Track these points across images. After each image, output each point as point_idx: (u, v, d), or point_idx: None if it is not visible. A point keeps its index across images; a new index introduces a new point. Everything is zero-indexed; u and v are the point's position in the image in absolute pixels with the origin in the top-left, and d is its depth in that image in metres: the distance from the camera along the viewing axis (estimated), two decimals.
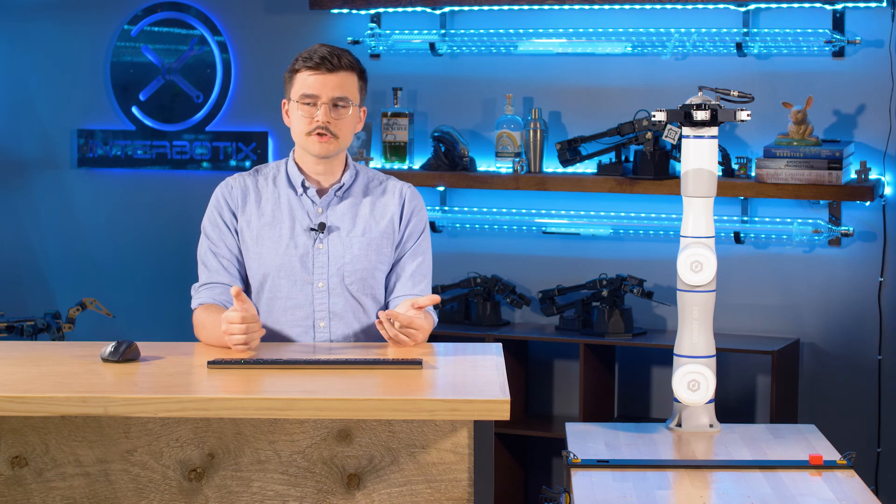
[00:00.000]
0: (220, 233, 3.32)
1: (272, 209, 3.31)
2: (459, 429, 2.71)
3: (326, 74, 3.25)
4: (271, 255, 3.27)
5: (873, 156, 4.51)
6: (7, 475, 2.76)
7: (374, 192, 3.36)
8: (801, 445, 2.98)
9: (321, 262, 3.28)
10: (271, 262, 3.27)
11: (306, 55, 3.27)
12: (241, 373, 2.86)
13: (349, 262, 3.28)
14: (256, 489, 2.75)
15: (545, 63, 4.84)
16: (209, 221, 3.34)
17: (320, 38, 5.02)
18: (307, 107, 3.25)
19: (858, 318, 4.58)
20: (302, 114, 3.26)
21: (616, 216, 4.78)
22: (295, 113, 3.28)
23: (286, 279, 3.27)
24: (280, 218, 3.30)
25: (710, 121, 3.04)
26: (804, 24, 4.53)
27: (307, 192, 3.31)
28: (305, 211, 3.30)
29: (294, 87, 3.27)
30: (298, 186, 3.31)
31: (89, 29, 5.34)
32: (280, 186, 3.33)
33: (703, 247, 3.06)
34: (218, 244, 3.31)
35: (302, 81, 3.26)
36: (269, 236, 3.28)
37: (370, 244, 3.30)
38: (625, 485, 2.70)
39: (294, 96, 3.27)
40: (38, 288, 5.47)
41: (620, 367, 4.85)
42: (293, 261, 3.27)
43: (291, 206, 3.31)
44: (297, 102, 3.26)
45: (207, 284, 3.30)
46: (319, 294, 3.28)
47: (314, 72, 3.24)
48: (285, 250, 3.28)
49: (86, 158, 5.37)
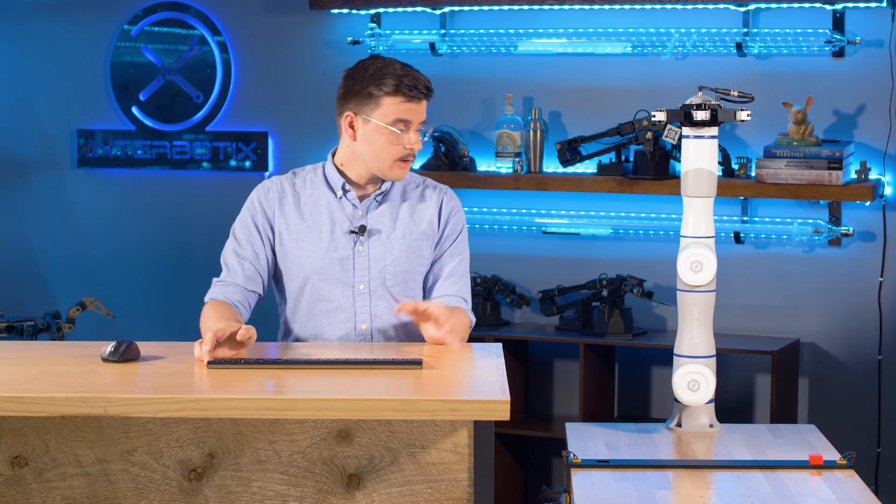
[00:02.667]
0: (248, 235, 3.29)
1: (311, 212, 3.29)
2: (459, 429, 2.71)
3: (421, 102, 3.22)
4: (311, 258, 3.26)
5: (873, 156, 4.51)
6: (7, 475, 2.76)
7: (411, 195, 3.34)
8: (801, 445, 2.98)
9: (362, 264, 3.27)
10: (311, 265, 3.26)
11: (403, 83, 3.18)
12: (241, 373, 2.86)
13: (391, 265, 3.28)
14: (256, 489, 2.75)
15: (545, 63, 4.84)
16: (240, 224, 3.31)
17: (320, 38, 5.02)
18: (399, 134, 3.21)
19: (858, 318, 4.58)
20: (390, 139, 3.20)
21: (616, 216, 4.78)
22: (379, 136, 3.20)
23: (327, 282, 3.26)
24: (319, 221, 3.28)
25: (710, 121, 3.04)
26: (804, 24, 4.53)
27: (347, 195, 3.30)
28: (345, 214, 3.29)
29: (382, 109, 3.19)
30: (338, 189, 3.29)
31: (89, 29, 5.35)
32: (318, 189, 3.31)
33: (703, 247, 3.06)
34: (244, 246, 3.29)
35: (397, 106, 3.18)
36: (308, 239, 3.26)
37: (410, 247, 3.29)
38: (625, 485, 2.70)
39: (383, 119, 3.19)
40: (38, 288, 5.47)
41: (620, 367, 4.85)
42: (334, 263, 3.26)
43: (331, 209, 3.29)
44: (387, 126, 3.20)
45: (224, 282, 3.28)
46: (361, 296, 3.27)
47: (412, 100, 3.19)
48: (325, 253, 3.26)
49: (86, 158, 5.37)
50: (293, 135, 5.16)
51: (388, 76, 3.19)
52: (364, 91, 3.21)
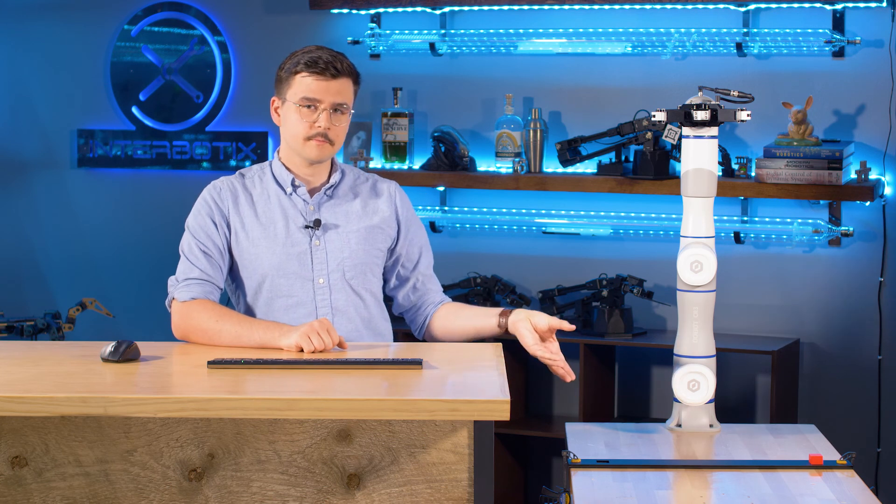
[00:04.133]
0: (207, 230, 3.27)
1: (264, 209, 3.30)
2: (459, 429, 2.71)
3: (330, 80, 3.24)
4: (268, 255, 3.26)
5: (873, 156, 4.51)
6: (7, 475, 2.76)
7: (362, 188, 3.37)
8: (801, 445, 2.98)
9: (320, 258, 3.28)
10: (269, 262, 3.26)
11: (309, 59, 3.24)
12: (241, 373, 2.86)
13: (349, 257, 3.29)
14: (256, 489, 2.75)
15: (545, 63, 4.84)
16: (195, 219, 3.29)
17: (320, 38, 5.02)
18: (307, 110, 3.24)
19: (858, 318, 4.58)
20: (301, 117, 3.24)
21: (616, 216, 4.78)
22: (292, 115, 3.26)
23: (285, 277, 3.26)
24: (273, 217, 3.29)
25: (710, 121, 3.04)
26: (804, 24, 4.53)
27: (297, 190, 3.31)
28: (297, 209, 3.30)
29: (293, 88, 3.25)
30: (287, 185, 3.31)
31: (89, 29, 5.34)
32: (268, 186, 3.32)
33: (703, 247, 3.06)
34: (205, 241, 3.27)
35: (303, 84, 3.24)
36: (263, 236, 3.27)
37: (367, 239, 3.32)
38: (625, 485, 2.70)
39: (293, 98, 3.25)
40: (38, 288, 5.47)
41: (620, 367, 4.85)
42: (291, 259, 3.27)
43: (283, 206, 3.30)
44: (295, 105, 3.25)
45: (198, 280, 3.24)
46: (321, 290, 3.28)
47: (318, 76, 3.23)
48: (282, 248, 3.27)
49: (86, 158, 5.37)
50: None
51: (300, 56, 3.27)
52: (281, 75, 3.30)
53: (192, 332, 3.18)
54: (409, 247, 3.40)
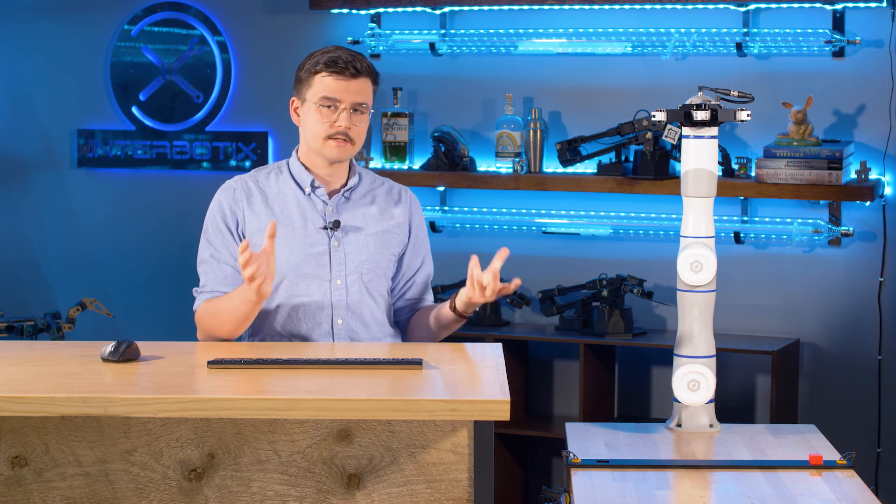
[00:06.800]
0: (223, 238, 3.29)
1: (281, 208, 3.30)
2: (459, 429, 2.71)
3: (349, 80, 3.24)
4: (286, 254, 3.25)
5: (873, 156, 4.51)
6: (7, 475, 2.76)
7: (378, 193, 3.38)
8: (801, 445, 2.98)
9: (338, 259, 3.28)
10: (287, 262, 3.25)
11: (329, 59, 3.23)
12: (241, 373, 2.86)
13: (367, 260, 3.30)
14: (256, 489, 2.75)
15: (545, 63, 4.85)
16: (212, 226, 3.31)
17: (320, 38, 5.02)
18: (327, 110, 3.24)
19: (858, 318, 4.58)
20: (321, 117, 3.24)
21: (616, 216, 4.78)
22: (311, 115, 3.25)
23: (303, 278, 3.26)
24: (290, 217, 3.29)
25: (710, 121, 3.04)
26: (804, 24, 4.53)
27: (316, 191, 3.31)
28: (316, 210, 3.30)
29: (312, 88, 3.25)
30: (307, 186, 3.31)
31: (89, 29, 5.35)
32: (285, 186, 3.32)
33: (703, 247, 3.06)
34: (221, 251, 3.29)
35: (323, 84, 3.23)
36: (281, 235, 3.25)
37: (384, 242, 3.33)
38: (625, 485, 2.70)
39: (312, 98, 3.24)
40: (38, 288, 5.47)
41: (620, 367, 4.85)
42: (310, 259, 3.27)
43: (300, 205, 3.30)
44: (315, 104, 3.24)
45: (209, 292, 3.29)
46: (337, 291, 3.28)
47: (338, 76, 3.23)
48: (301, 248, 3.27)
49: (86, 158, 5.37)
50: (293, 135, 5.13)
51: (319, 56, 3.26)
52: (300, 75, 3.29)
53: (208, 334, 3.26)
54: (413, 256, 3.42)
